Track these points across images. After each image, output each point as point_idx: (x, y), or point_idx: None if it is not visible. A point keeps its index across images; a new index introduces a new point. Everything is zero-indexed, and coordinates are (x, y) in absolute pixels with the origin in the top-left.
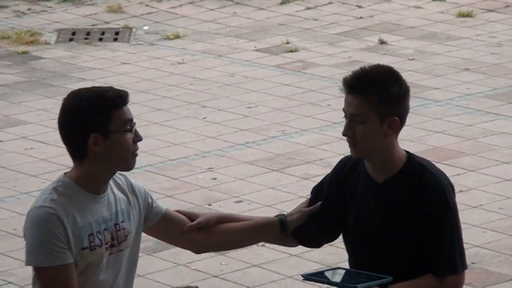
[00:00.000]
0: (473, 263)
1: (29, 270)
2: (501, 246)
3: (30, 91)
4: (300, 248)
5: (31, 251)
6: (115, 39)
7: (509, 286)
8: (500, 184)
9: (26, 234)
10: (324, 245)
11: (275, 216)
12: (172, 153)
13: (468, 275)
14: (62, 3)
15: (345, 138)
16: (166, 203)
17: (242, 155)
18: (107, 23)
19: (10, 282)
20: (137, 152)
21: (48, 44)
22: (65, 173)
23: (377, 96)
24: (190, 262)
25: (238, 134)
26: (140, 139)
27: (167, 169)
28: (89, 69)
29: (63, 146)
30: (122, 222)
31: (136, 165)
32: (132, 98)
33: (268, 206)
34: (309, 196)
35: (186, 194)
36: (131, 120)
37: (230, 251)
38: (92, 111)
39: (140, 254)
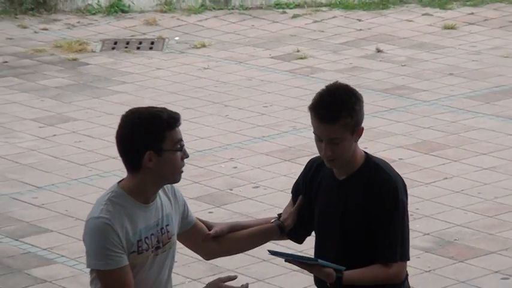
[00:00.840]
0: (456, 239)
1: (78, 246)
2: (479, 225)
3: (79, 92)
4: None
5: (92, 256)
6: (150, 48)
7: (486, 259)
8: (479, 172)
9: (86, 241)
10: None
11: (272, 222)
12: (199, 146)
13: (451, 250)
14: (106, 17)
15: None
16: (194, 188)
17: (259, 147)
18: (144, 34)
19: (62, 256)
20: (183, 168)
21: (94, 52)
22: (118, 183)
23: (347, 118)
24: None
25: (255, 129)
26: (187, 157)
27: (194, 159)
28: (128, 74)
29: (107, 139)
30: (167, 226)
31: None
32: (165, 98)
33: (281, 190)
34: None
35: (210, 181)
36: (181, 140)
37: None
38: (149, 131)
39: None
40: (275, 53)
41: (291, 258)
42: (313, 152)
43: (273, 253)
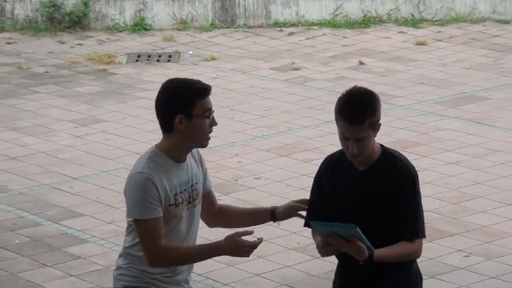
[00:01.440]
0: (426, 223)
1: (107, 227)
2: (445, 211)
3: (108, 98)
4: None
5: (132, 206)
6: (168, 61)
7: (451, 239)
8: (446, 166)
9: (127, 194)
10: None
11: (269, 207)
12: (209, 143)
13: None
14: (131, 34)
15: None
16: None
17: (260, 144)
18: (163, 48)
19: (94, 236)
20: (210, 135)
21: (121, 63)
22: (156, 145)
23: (371, 118)
24: None
25: (257, 129)
26: (215, 124)
27: (204, 154)
28: (150, 82)
29: (132, 137)
30: (196, 184)
31: None
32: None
33: (278, 181)
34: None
35: (219, 173)
36: (210, 109)
37: None
38: (180, 96)
39: None
40: (273, 65)
41: (329, 233)
42: (305, 148)
43: (316, 225)
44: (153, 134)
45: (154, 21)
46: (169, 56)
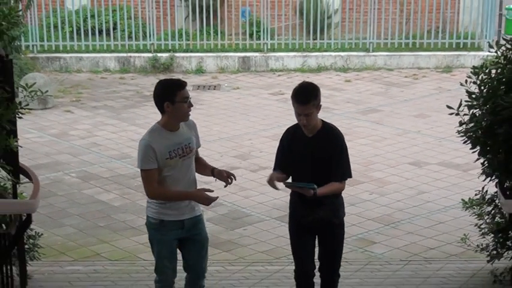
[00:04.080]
0: None
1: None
2: (359, 169)
3: None
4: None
5: (139, 160)
6: (214, 88)
7: (362, 186)
8: (360, 146)
9: (138, 154)
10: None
11: (211, 167)
12: (236, 133)
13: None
14: (195, 74)
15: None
16: (234, 153)
17: (263, 134)
18: (211, 82)
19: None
20: (190, 113)
21: (189, 90)
22: (158, 121)
23: (315, 101)
24: None
25: (261, 126)
26: (191, 106)
27: (232, 138)
28: (204, 101)
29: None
30: (189, 144)
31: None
32: (220, 111)
33: (272, 154)
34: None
35: (241, 149)
36: (187, 97)
37: None
38: (167, 89)
39: None
40: (270, 92)
41: (291, 184)
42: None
43: (288, 184)
44: (206, 128)
45: (206, 68)
46: (215, 87)
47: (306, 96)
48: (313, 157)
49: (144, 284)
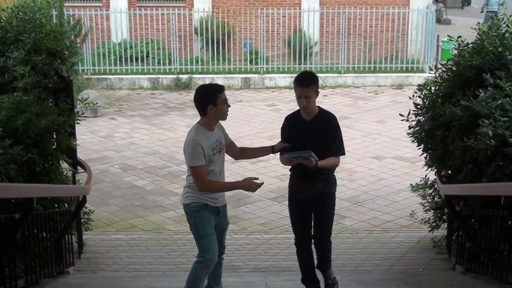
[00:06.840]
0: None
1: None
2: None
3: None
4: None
5: (189, 159)
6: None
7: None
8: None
9: (186, 152)
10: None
11: (270, 146)
12: (245, 132)
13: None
14: None
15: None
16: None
17: (260, 135)
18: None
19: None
20: (227, 113)
21: None
22: (198, 122)
23: (314, 85)
24: None
25: (258, 129)
26: (229, 106)
27: (238, 138)
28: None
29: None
30: (222, 140)
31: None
32: (228, 120)
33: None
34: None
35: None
36: (226, 99)
37: None
38: (208, 93)
39: None
40: (266, 103)
41: (294, 156)
42: (279, 136)
43: (289, 157)
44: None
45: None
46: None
47: (307, 79)
48: (311, 138)
49: (170, 248)
